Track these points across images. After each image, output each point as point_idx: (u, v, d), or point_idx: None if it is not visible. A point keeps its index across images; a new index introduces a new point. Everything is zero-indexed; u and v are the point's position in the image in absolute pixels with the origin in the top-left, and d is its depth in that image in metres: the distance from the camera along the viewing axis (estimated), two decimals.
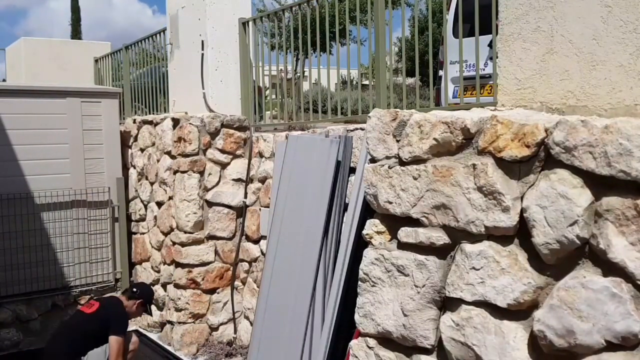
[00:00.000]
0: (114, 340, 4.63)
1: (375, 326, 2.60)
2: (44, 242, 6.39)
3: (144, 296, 5.12)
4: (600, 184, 1.96)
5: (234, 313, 6.09)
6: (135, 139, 7.13)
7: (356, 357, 2.71)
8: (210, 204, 6.00)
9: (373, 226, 2.67)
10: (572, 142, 1.99)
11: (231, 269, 6.11)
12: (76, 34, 24.18)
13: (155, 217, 6.54)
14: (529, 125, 2.13)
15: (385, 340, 2.60)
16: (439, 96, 6.22)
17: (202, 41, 6.32)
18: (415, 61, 4.95)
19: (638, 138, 1.85)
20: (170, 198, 6.21)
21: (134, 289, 5.13)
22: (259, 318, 5.02)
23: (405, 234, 2.50)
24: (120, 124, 7.40)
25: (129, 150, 7.27)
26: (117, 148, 7.00)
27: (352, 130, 4.73)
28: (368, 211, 3.37)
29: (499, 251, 2.20)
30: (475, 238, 2.28)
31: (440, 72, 6.50)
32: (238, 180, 6.07)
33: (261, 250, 5.75)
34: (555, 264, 2.06)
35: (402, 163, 2.53)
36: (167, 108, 7.36)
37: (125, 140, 7.24)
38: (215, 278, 6.03)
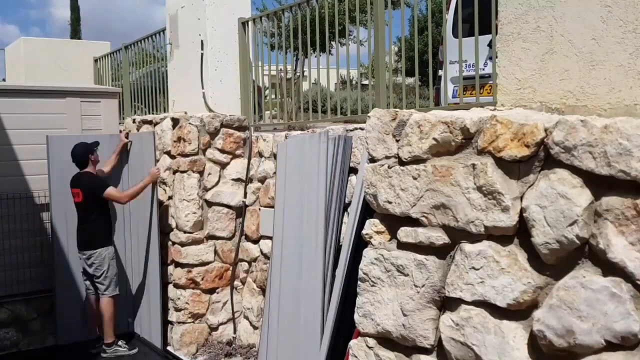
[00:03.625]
0: (105, 196, 5.79)
1: (375, 326, 2.60)
2: (43, 241, 6.39)
3: (85, 150, 5.89)
4: (599, 184, 1.96)
5: (233, 313, 6.09)
6: None
7: (356, 356, 2.71)
8: (209, 203, 6.00)
9: (373, 226, 2.67)
10: (571, 142, 1.99)
11: (231, 268, 6.11)
12: (76, 33, 24.15)
13: None
14: (529, 125, 2.13)
15: (385, 340, 2.60)
16: (439, 96, 6.21)
17: (202, 41, 6.32)
18: (415, 61, 4.95)
19: (637, 138, 1.85)
20: (170, 198, 6.20)
21: (80, 158, 5.86)
22: (267, 320, 5.02)
23: (405, 233, 2.50)
24: (119, 123, 7.39)
25: None
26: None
27: (351, 130, 4.73)
28: (368, 211, 3.37)
29: (499, 251, 2.20)
30: (474, 238, 2.28)
31: (440, 72, 6.50)
32: (237, 180, 6.06)
33: (260, 250, 5.75)
34: (554, 263, 2.06)
35: (402, 163, 2.53)
36: (167, 108, 7.36)
37: None
38: (214, 278, 6.03)
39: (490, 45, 4.67)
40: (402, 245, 2.53)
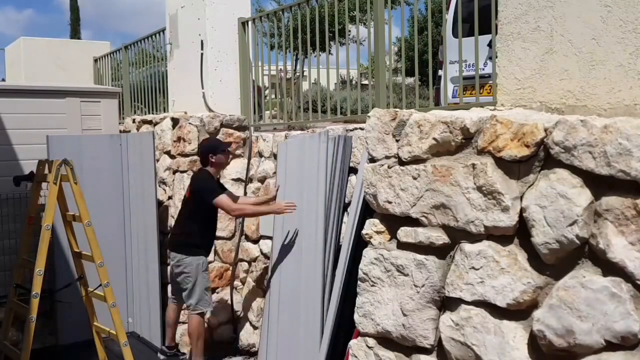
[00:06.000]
0: (215, 203, 4.88)
1: (375, 326, 2.60)
2: None
3: (208, 149, 5.13)
4: (599, 184, 1.96)
5: (233, 313, 6.09)
6: None
7: (356, 356, 2.71)
8: None
9: (372, 226, 2.67)
10: (571, 142, 1.99)
11: (231, 268, 6.10)
12: (75, 33, 24.17)
13: None
14: (529, 125, 2.13)
15: (385, 340, 2.60)
16: (439, 96, 6.21)
17: (202, 41, 6.32)
18: (415, 61, 4.95)
19: (637, 138, 1.85)
20: (170, 198, 6.20)
21: (201, 155, 5.17)
22: (267, 320, 5.02)
23: (405, 233, 2.50)
24: (119, 123, 7.39)
25: None
26: None
27: (351, 130, 4.73)
28: (368, 211, 3.37)
29: (499, 251, 2.20)
30: (474, 238, 2.28)
31: (440, 72, 6.50)
32: (237, 180, 6.06)
33: (260, 250, 5.75)
34: (554, 263, 2.06)
35: (402, 163, 2.53)
36: (167, 108, 7.36)
37: None
38: (214, 278, 6.03)
39: (490, 45, 4.67)
40: (402, 245, 2.53)
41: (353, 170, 4.64)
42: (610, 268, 1.92)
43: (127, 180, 6.37)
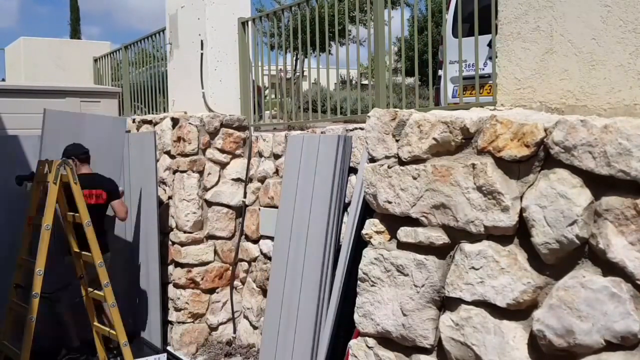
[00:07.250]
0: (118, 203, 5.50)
1: (375, 326, 2.60)
2: None
3: (71, 154, 5.31)
4: (599, 184, 1.96)
5: (233, 313, 6.10)
6: None
7: (355, 356, 2.71)
8: (209, 203, 6.00)
9: (372, 226, 2.67)
10: (571, 142, 1.99)
11: (230, 268, 6.11)
12: (75, 33, 24.16)
13: None
14: (529, 125, 2.13)
15: (385, 340, 2.60)
16: (438, 96, 6.21)
17: (202, 41, 6.32)
18: (415, 61, 4.96)
19: (637, 138, 1.85)
20: (170, 198, 6.21)
21: (87, 152, 5.45)
22: (268, 318, 5.02)
23: (405, 233, 2.50)
24: None
25: None
26: None
27: (351, 130, 4.73)
28: (368, 211, 3.37)
29: (499, 251, 2.19)
30: (474, 238, 2.28)
31: (440, 72, 6.50)
32: (237, 180, 6.07)
33: (260, 250, 5.75)
34: (554, 263, 2.06)
35: (402, 163, 2.53)
36: (167, 108, 7.36)
37: None
38: (214, 278, 6.03)
39: (490, 45, 4.67)
40: (401, 245, 2.53)
41: (353, 170, 4.64)
42: (610, 268, 1.91)
43: (128, 180, 6.38)
